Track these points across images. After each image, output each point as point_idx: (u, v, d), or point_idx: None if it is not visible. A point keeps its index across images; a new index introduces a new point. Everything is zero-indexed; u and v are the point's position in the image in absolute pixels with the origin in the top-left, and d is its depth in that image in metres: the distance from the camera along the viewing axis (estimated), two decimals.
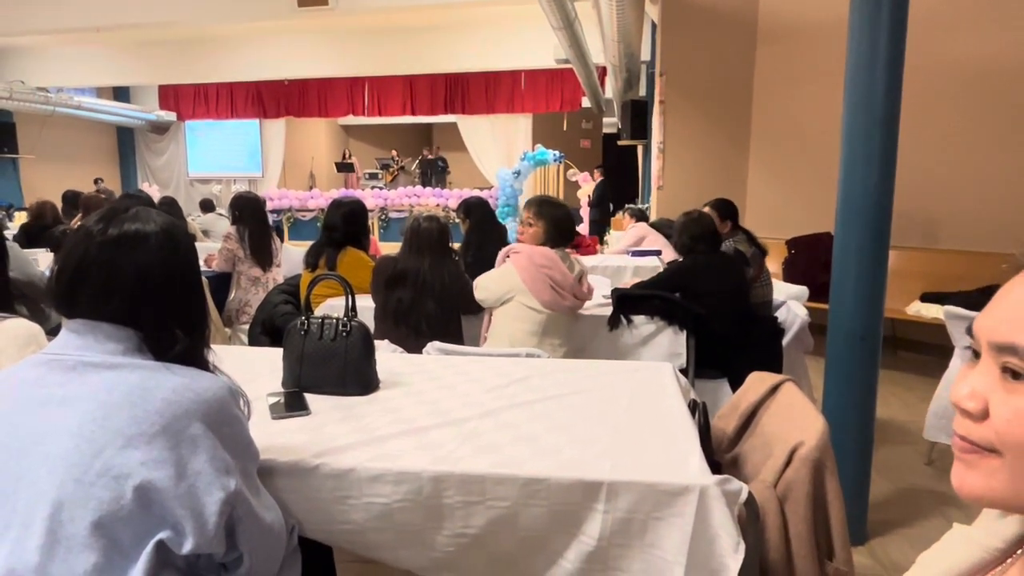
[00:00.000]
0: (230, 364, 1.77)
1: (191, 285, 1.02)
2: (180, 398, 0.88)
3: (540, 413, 1.39)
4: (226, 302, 3.80)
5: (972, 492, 0.50)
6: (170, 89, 12.79)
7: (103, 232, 0.94)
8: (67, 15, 7.31)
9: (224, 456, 0.90)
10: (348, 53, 10.13)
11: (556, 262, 2.33)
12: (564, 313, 2.38)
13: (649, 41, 7.31)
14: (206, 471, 0.87)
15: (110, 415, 0.85)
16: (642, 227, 4.81)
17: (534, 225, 2.42)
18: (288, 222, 11.15)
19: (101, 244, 0.93)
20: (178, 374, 0.92)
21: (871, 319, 2.24)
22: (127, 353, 0.92)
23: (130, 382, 0.88)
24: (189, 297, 1.01)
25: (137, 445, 0.84)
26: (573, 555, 1.10)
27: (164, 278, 0.96)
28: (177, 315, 0.97)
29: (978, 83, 4.38)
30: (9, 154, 10.68)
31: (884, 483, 2.66)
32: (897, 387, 3.90)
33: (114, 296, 0.92)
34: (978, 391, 0.49)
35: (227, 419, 0.93)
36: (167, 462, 0.85)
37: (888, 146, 2.17)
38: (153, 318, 0.94)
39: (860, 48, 2.16)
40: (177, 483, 0.85)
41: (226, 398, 0.94)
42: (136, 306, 0.93)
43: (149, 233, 0.96)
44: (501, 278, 2.36)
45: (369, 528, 1.13)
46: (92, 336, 0.92)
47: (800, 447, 1.21)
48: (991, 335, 0.49)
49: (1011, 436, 0.47)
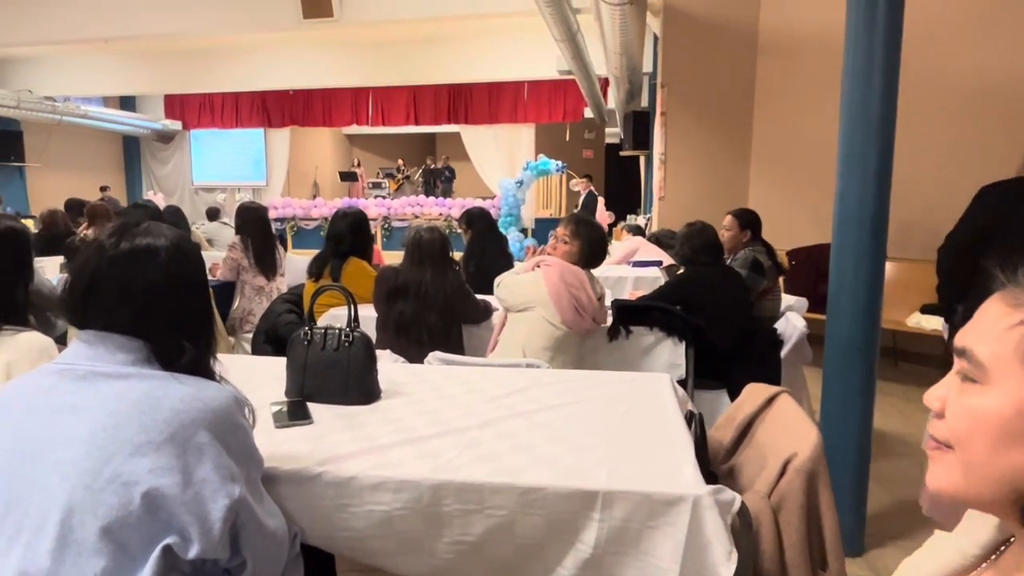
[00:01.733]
0: (234, 373, 1.80)
1: (199, 298, 1.05)
2: (187, 407, 0.91)
3: (539, 423, 1.41)
4: (230, 311, 3.83)
5: (936, 487, 0.56)
6: (176, 98, 12.90)
7: (115, 246, 0.97)
8: (75, 25, 7.40)
9: (229, 463, 0.93)
10: (352, 63, 10.23)
11: (585, 284, 2.32)
12: (579, 334, 2.37)
13: (651, 53, 7.37)
14: (212, 478, 0.90)
15: (120, 423, 0.88)
16: (636, 240, 4.88)
17: (569, 244, 2.38)
18: (292, 231, 11.21)
19: (113, 258, 0.97)
20: (185, 384, 0.95)
21: (868, 330, 2.26)
22: (136, 363, 0.95)
23: (139, 391, 0.91)
24: (197, 309, 1.04)
25: (145, 452, 0.87)
26: (570, 563, 1.12)
27: (173, 291, 0.99)
28: (185, 327, 1.00)
29: (975, 95, 4.42)
30: (16, 162, 10.77)
31: (883, 494, 2.67)
32: (897, 399, 3.91)
33: (124, 308, 0.95)
34: (941, 393, 0.57)
35: (232, 427, 0.96)
36: (174, 469, 0.87)
37: (884, 157, 2.20)
38: (162, 330, 0.97)
39: (856, 60, 2.19)
40: (184, 490, 0.87)
41: (232, 407, 0.97)
42: (145, 318, 0.96)
43: (160, 248, 0.99)
44: (527, 285, 2.33)
45: (370, 535, 1.15)
46: (103, 346, 0.95)
47: (794, 458, 1.23)
48: (956, 341, 0.57)
49: (958, 431, 0.54)
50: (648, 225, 6.64)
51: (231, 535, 0.93)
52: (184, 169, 13.60)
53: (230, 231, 6.91)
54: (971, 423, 0.53)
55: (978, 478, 0.52)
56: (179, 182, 13.60)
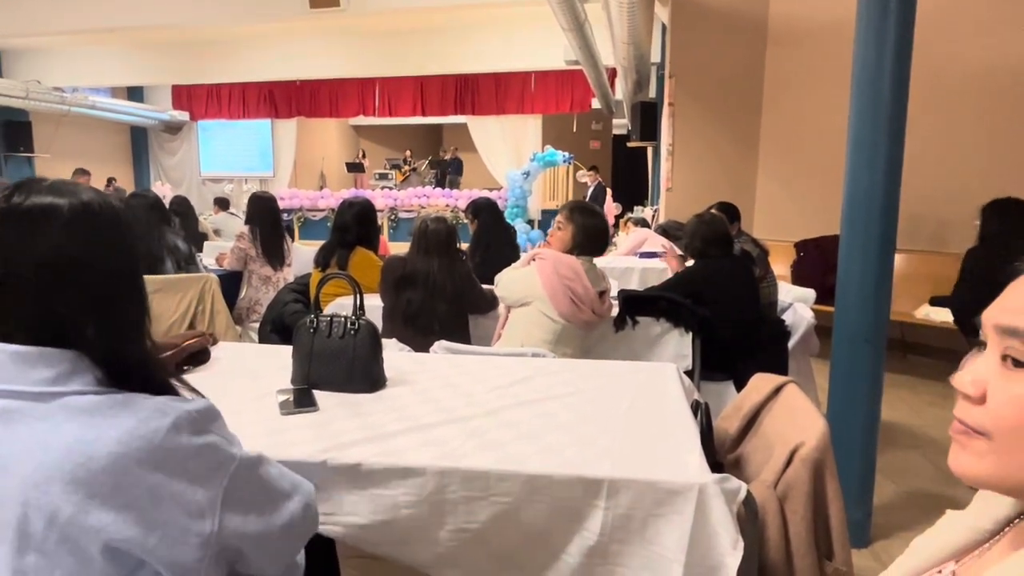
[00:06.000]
0: (242, 361, 1.81)
1: (123, 279, 0.81)
2: (127, 449, 0.73)
3: (543, 412, 1.41)
4: (237, 301, 3.85)
5: (965, 472, 0.53)
6: (183, 89, 12.91)
7: (7, 200, 0.76)
8: (82, 16, 7.40)
9: (194, 496, 0.77)
10: (359, 54, 10.20)
11: (580, 275, 2.28)
12: (579, 326, 2.34)
13: (659, 43, 7.31)
14: (174, 520, 0.76)
15: (51, 478, 0.72)
16: (643, 232, 4.88)
17: (563, 229, 2.36)
18: (299, 222, 11.23)
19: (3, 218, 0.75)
20: (122, 415, 0.75)
21: (877, 322, 2.24)
22: (58, 382, 0.74)
23: (67, 437, 0.72)
24: (118, 296, 0.81)
25: (89, 510, 0.72)
26: (575, 550, 1.12)
27: (80, 268, 0.77)
28: (112, 322, 0.79)
29: (987, 86, 4.36)
30: (25, 153, 10.81)
31: (889, 486, 2.66)
32: (905, 390, 3.89)
33: (23, 298, 0.74)
34: (979, 377, 0.52)
35: (191, 453, 0.78)
36: (128, 521, 0.73)
37: (894, 147, 2.17)
38: (81, 329, 0.76)
39: (867, 50, 2.17)
40: (145, 537, 0.74)
41: (185, 431, 0.77)
42: (52, 312, 0.75)
43: (61, 207, 0.76)
44: (523, 281, 2.33)
45: (374, 522, 1.15)
46: (10, 363, 0.74)
47: (800, 447, 1.22)
48: (997, 319, 0.52)
49: (1004, 421, 0.50)
50: (655, 216, 6.61)
51: (226, 559, 0.82)
52: (192, 160, 13.63)
53: (237, 221, 6.93)
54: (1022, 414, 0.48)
55: (1018, 468, 0.49)
56: (187, 173, 13.63)
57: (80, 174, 8.34)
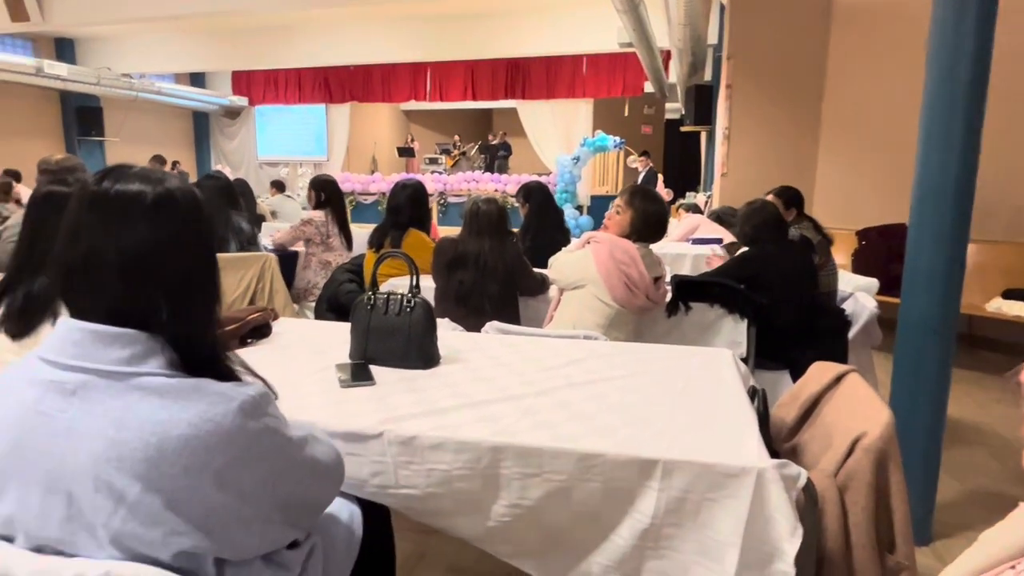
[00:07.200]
0: (301, 336, 1.86)
1: (204, 266, 0.84)
2: (198, 432, 0.75)
3: (596, 393, 1.41)
4: (294, 281, 3.95)
5: None
6: (243, 75, 13.29)
7: (98, 183, 0.79)
8: (148, 5, 7.67)
9: (252, 478, 0.80)
10: (411, 39, 10.26)
11: (636, 260, 2.24)
12: (632, 311, 2.31)
13: (717, 23, 7.10)
14: (231, 503, 0.78)
15: (123, 456, 0.74)
16: (696, 218, 4.78)
17: (621, 214, 2.33)
18: (352, 205, 11.44)
19: (93, 202, 0.78)
20: (193, 398, 0.77)
21: (946, 314, 2.15)
22: (133, 362, 0.77)
23: (140, 418, 0.75)
24: (195, 283, 0.83)
25: (154, 491, 0.74)
26: (626, 531, 1.12)
27: (167, 254, 0.80)
28: (187, 310, 0.81)
29: None
30: (97, 137, 11.35)
31: (953, 483, 2.55)
32: (971, 386, 3.72)
33: (110, 278, 0.77)
34: None
35: (252, 437, 0.80)
36: (191, 502, 0.76)
37: (971, 132, 2.06)
38: (159, 312, 0.78)
39: (944, 28, 2.05)
40: (206, 518, 0.77)
41: (247, 418, 0.79)
42: (137, 293, 0.78)
43: (147, 194, 0.79)
44: (577, 264, 2.31)
45: (429, 494, 1.17)
46: (90, 341, 0.77)
47: (863, 437, 1.19)
48: None
49: None
50: (708, 203, 6.47)
51: (270, 539, 0.87)
52: (250, 144, 14.03)
53: (293, 204, 7.09)
54: None
55: None
56: (245, 157, 14.04)
57: (156, 161, 8.66)
